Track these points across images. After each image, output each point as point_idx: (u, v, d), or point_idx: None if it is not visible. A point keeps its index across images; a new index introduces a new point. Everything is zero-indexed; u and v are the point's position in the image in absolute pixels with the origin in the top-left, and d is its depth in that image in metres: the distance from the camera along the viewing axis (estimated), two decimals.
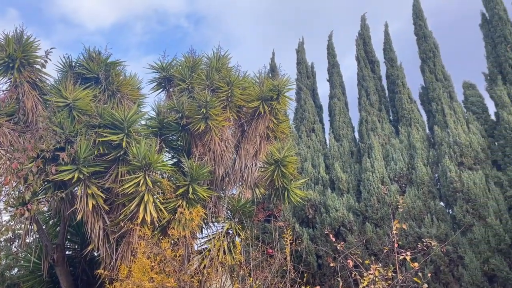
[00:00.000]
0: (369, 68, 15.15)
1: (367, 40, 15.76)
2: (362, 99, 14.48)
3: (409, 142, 12.64)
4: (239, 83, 9.16)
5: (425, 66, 13.91)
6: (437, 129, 12.31)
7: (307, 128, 14.83)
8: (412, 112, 13.37)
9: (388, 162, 12.47)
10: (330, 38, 16.46)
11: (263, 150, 9.85)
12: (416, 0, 14.87)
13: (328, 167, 13.58)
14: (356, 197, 12.51)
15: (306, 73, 16.43)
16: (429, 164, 12.02)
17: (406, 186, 11.94)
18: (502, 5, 13.58)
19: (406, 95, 13.77)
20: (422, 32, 14.40)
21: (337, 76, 15.60)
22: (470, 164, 11.34)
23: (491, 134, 12.06)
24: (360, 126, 13.98)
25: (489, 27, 13.62)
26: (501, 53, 12.84)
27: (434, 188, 11.65)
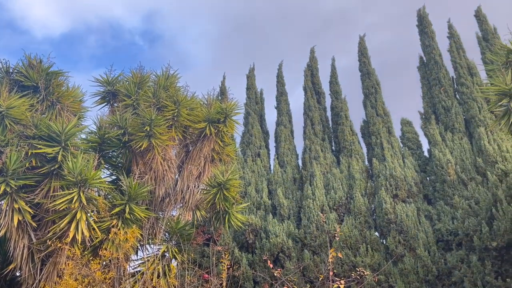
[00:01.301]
0: (315, 99, 15.67)
1: (314, 72, 16.36)
2: (307, 128, 14.89)
3: (349, 173, 13.09)
4: (187, 103, 9.08)
5: (367, 101, 14.64)
6: (375, 162, 12.87)
7: (253, 152, 14.95)
8: (353, 143, 13.92)
9: (329, 190, 12.80)
10: (280, 67, 16.92)
11: (207, 172, 9.75)
12: (362, 39, 15.74)
13: (271, 193, 13.70)
14: (296, 224, 12.67)
15: (255, 98, 16.68)
16: (366, 195, 12.48)
17: (344, 215, 12.28)
18: (438, 51, 14.72)
19: (348, 127, 14.34)
20: (366, 69, 15.19)
21: (285, 104, 15.98)
22: (404, 197, 11.92)
23: (423, 170, 12.81)
24: (303, 154, 14.32)
25: (425, 70, 14.66)
26: (436, 94, 13.82)
27: (370, 218, 12.08)
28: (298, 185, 13.87)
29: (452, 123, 13.04)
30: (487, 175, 11.26)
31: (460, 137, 12.68)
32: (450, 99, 13.55)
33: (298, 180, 13.99)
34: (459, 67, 14.05)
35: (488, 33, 14.54)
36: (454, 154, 12.23)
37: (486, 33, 14.64)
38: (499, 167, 11.20)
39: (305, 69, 16.45)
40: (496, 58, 8.20)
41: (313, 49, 16.74)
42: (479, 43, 14.67)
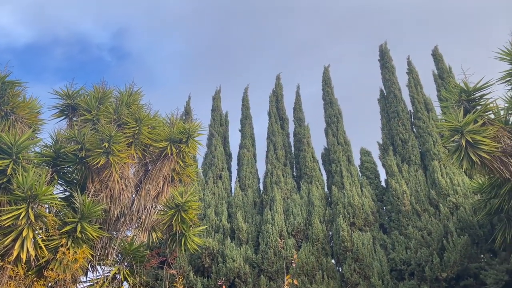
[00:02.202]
0: (279, 124, 15.86)
1: (279, 98, 16.62)
2: (269, 152, 15.00)
3: (309, 199, 13.21)
4: (149, 121, 8.94)
5: (329, 129, 14.97)
6: (335, 189, 13.08)
7: (214, 174, 14.83)
8: (314, 170, 14.12)
9: (288, 216, 12.83)
10: (246, 91, 17.08)
11: (165, 192, 9.56)
12: (326, 69, 16.21)
13: (230, 216, 13.56)
14: (254, 249, 12.56)
15: (220, 120, 16.69)
16: (325, 222, 12.61)
17: (302, 241, 12.31)
18: (398, 85, 15.35)
19: (310, 154, 14.56)
20: (329, 98, 15.60)
21: (249, 127, 16.07)
22: (360, 225, 12.12)
23: (380, 199, 13.13)
24: (265, 178, 14.36)
25: (385, 103, 15.22)
26: (394, 127, 14.33)
27: (328, 245, 12.17)
28: (258, 209, 13.84)
29: (409, 155, 13.52)
30: (439, 207, 11.67)
31: (415, 169, 13.13)
32: (407, 132, 14.09)
33: (258, 204, 13.96)
34: (416, 102, 14.68)
35: (443, 72, 15.35)
36: (410, 185, 12.63)
37: (442, 71, 15.44)
38: (450, 200, 11.65)
39: (271, 95, 16.69)
40: (450, 96, 8.64)
41: (279, 76, 17.07)
42: (435, 80, 15.44)
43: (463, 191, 11.80)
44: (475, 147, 7.41)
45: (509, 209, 9.17)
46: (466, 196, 11.67)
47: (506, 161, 7.50)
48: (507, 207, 9.11)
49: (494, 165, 7.56)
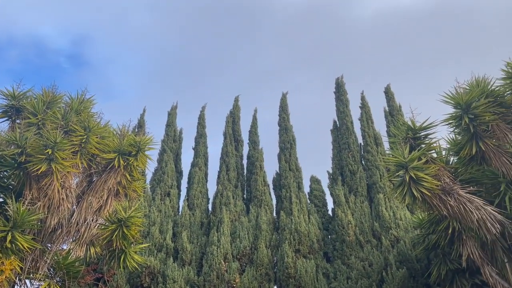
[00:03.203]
0: (233, 146, 15.85)
1: (236, 119, 16.68)
2: (222, 173, 14.89)
3: (257, 223, 13.16)
4: (98, 130, 8.63)
5: (282, 155, 15.14)
6: (283, 215, 13.14)
7: (162, 191, 14.48)
8: (264, 194, 14.14)
9: (234, 239, 12.69)
10: (203, 109, 17.02)
11: (108, 206, 9.18)
12: (284, 96, 16.52)
13: (175, 235, 13.22)
14: (197, 270, 12.26)
15: (174, 136, 16.44)
16: (270, 247, 12.57)
17: (246, 265, 12.18)
18: (350, 118, 15.88)
19: (261, 177, 14.60)
20: (284, 124, 15.84)
21: (203, 146, 15.93)
22: (305, 252, 12.19)
23: (326, 228, 13.32)
24: (214, 198, 14.19)
25: (338, 134, 15.66)
26: (344, 158, 14.73)
27: (271, 271, 12.11)
28: (205, 230, 13.59)
29: (356, 186, 13.89)
30: (381, 239, 12.00)
31: (362, 200, 13.49)
32: (356, 164, 14.52)
33: (205, 224, 13.73)
34: (367, 135, 15.23)
35: (394, 109, 16.09)
36: (355, 216, 12.92)
37: (392, 109, 16.18)
38: (392, 233, 12.03)
39: (228, 116, 16.71)
40: (398, 132, 9.03)
41: (237, 98, 17.17)
42: (386, 117, 16.14)
43: (404, 225, 12.23)
44: (418, 183, 7.73)
45: (445, 246, 9.57)
46: (407, 230, 12.09)
47: (445, 199, 7.86)
48: (443, 243, 9.52)
49: (434, 202, 7.90)
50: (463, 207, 7.79)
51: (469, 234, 8.65)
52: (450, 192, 7.89)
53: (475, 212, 7.77)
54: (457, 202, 7.81)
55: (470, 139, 8.49)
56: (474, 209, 7.78)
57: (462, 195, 7.88)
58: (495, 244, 8.20)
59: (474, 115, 8.29)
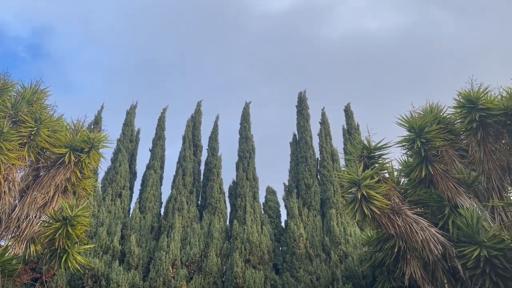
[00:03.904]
0: (192, 151, 15.67)
1: (197, 124, 16.52)
2: (177, 177, 14.65)
3: (209, 230, 13.01)
4: (50, 123, 8.28)
5: (240, 163, 15.12)
6: (236, 224, 13.07)
7: (114, 191, 14.04)
8: (219, 202, 14.03)
9: (185, 245, 12.47)
10: (164, 111, 16.75)
11: (54, 203, 8.78)
12: (247, 105, 16.56)
13: (124, 238, 12.82)
14: (144, 275, 11.92)
15: (131, 136, 16.04)
16: (221, 255, 12.45)
17: (195, 272, 11.98)
18: (310, 133, 16.14)
19: (218, 185, 14.49)
20: (245, 133, 15.85)
21: (160, 148, 15.63)
22: (255, 263, 12.16)
23: (278, 239, 13.37)
24: (168, 203, 13.92)
25: (296, 147, 15.85)
26: (301, 171, 14.91)
27: (220, 280, 11.97)
28: (155, 234, 13.27)
29: (310, 200, 14.07)
30: (331, 254, 12.18)
31: (314, 214, 13.67)
32: (312, 178, 14.72)
33: (156, 229, 13.41)
34: (324, 151, 15.51)
35: (352, 128, 16.52)
36: (307, 229, 13.06)
37: (350, 127, 16.61)
38: (341, 248, 12.25)
39: (188, 120, 16.52)
40: (353, 150, 9.26)
41: (200, 103, 17.04)
42: (344, 134, 16.53)
43: (353, 241, 12.49)
44: (369, 201, 7.93)
45: (390, 264, 9.84)
46: (355, 246, 12.35)
47: (393, 218, 8.11)
48: (389, 261, 9.79)
49: (383, 221, 8.13)
50: (409, 227, 8.05)
51: (413, 254, 8.94)
52: (399, 212, 8.15)
53: (420, 233, 8.06)
54: (404, 222, 8.07)
55: (420, 162, 8.84)
56: (420, 230, 8.07)
57: (409, 216, 8.16)
58: (436, 265, 8.52)
59: (426, 139, 8.64)
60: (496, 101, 8.50)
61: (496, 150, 8.65)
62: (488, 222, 8.29)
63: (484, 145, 8.62)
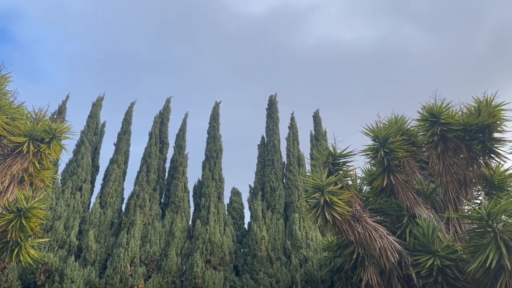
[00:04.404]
0: (158, 147, 15.43)
1: (165, 121, 16.29)
2: (141, 174, 14.38)
3: (171, 229, 12.83)
4: (10, 110, 7.94)
5: (207, 163, 15.01)
6: (199, 223, 12.96)
7: (74, 184, 13.62)
8: (183, 201, 13.87)
9: (145, 243, 12.24)
10: (132, 105, 16.43)
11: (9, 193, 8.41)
12: (217, 105, 16.48)
13: (81, 233, 12.45)
14: (100, 272, 11.61)
15: (95, 129, 15.62)
16: (181, 255, 12.30)
17: (154, 271, 11.78)
18: (278, 136, 16.23)
19: (182, 183, 14.32)
20: (213, 133, 15.76)
21: (126, 143, 15.30)
22: (216, 263, 12.09)
23: (240, 241, 13.35)
24: (130, 199, 13.63)
25: (264, 150, 15.91)
26: (267, 174, 14.97)
27: (179, 279, 11.82)
28: (115, 230, 12.96)
29: (275, 203, 14.14)
30: (291, 258, 12.28)
31: (278, 217, 13.75)
32: (278, 181, 14.81)
33: (116, 225, 13.10)
34: (291, 155, 15.64)
35: (319, 134, 16.75)
36: (270, 232, 13.11)
37: (318, 133, 16.83)
38: (302, 253, 12.37)
39: (156, 116, 16.26)
40: (319, 156, 9.38)
41: (169, 99, 16.81)
42: (311, 140, 16.73)
43: (314, 246, 12.64)
44: (331, 207, 8.05)
45: (348, 269, 10.03)
46: (316, 251, 12.51)
47: (354, 225, 8.26)
48: (347, 267, 9.96)
49: (343, 227, 8.27)
50: (368, 234, 8.23)
51: (371, 261, 9.14)
52: (359, 219, 8.32)
53: (379, 240, 8.25)
54: (364, 229, 8.24)
55: (383, 171, 9.06)
56: (378, 237, 8.26)
57: (369, 223, 8.34)
58: (392, 272, 8.75)
59: (389, 149, 8.87)
60: (457, 116, 8.84)
61: (454, 164, 8.99)
62: (443, 232, 8.59)
63: (444, 158, 8.94)
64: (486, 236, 7.20)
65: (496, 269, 7.02)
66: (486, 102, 8.76)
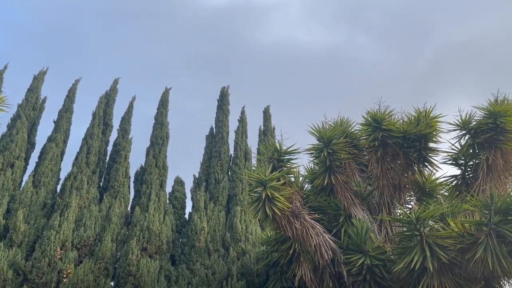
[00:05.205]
0: (101, 129, 14.85)
1: (111, 102, 15.71)
2: (81, 154, 13.78)
3: (108, 214, 12.42)
4: None
5: (151, 149, 14.67)
6: (138, 210, 12.65)
7: (6, 160, 12.78)
8: (123, 186, 13.46)
9: (79, 226, 11.76)
10: (76, 83, 15.68)
11: None
12: (167, 91, 16.14)
13: (10, 212, 11.73)
14: (27, 254, 11.01)
15: (35, 104, 14.74)
16: (117, 241, 11.95)
17: (86, 256, 11.35)
18: (227, 129, 16.20)
19: (124, 168, 13.90)
20: (161, 119, 15.43)
21: (66, 122, 14.58)
22: (152, 252, 11.87)
23: (179, 231, 13.20)
24: (66, 180, 13.02)
25: (212, 141, 15.82)
26: (212, 165, 14.89)
27: (112, 266, 11.48)
28: (47, 212, 12.33)
29: (218, 195, 14.11)
30: (230, 250, 12.32)
31: (220, 209, 13.73)
32: (223, 173, 14.78)
33: (49, 206, 12.46)
34: (238, 148, 15.67)
35: (268, 130, 16.91)
36: (210, 223, 13.07)
37: (267, 129, 16.99)
38: (240, 245, 12.46)
39: (102, 96, 15.62)
40: (265, 151, 9.47)
41: (117, 80, 16.20)
42: (259, 135, 16.85)
43: (253, 239, 12.77)
44: (272, 202, 8.15)
45: (284, 264, 10.23)
46: (254, 245, 12.64)
47: (292, 221, 8.43)
48: (283, 262, 10.16)
49: (282, 222, 8.41)
50: (306, 231, 8.44)
51: (306, 257, 9.38)
52: (298, 216, 8.50)
53: (315, 237, 8.48)
54: (301, 226, 8.44)
55: (325, 171, 9.31)
56: (315, 234, 8.49)
57: (307, 220, 8.55)
58: (325, 269, 9.04)
59: (333, 150, 9.13)
60: (397, 124, 9.27)
61: (392, 169, 9.43)
62: (375, 234, 9.00)
63: (382, 163, 9.34)
64: (414, 239, 7.62)
65: (420, 271, 7.45)
66: (425, 113, 9.26)
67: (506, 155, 8.59)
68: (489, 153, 8.61)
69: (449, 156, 9.43)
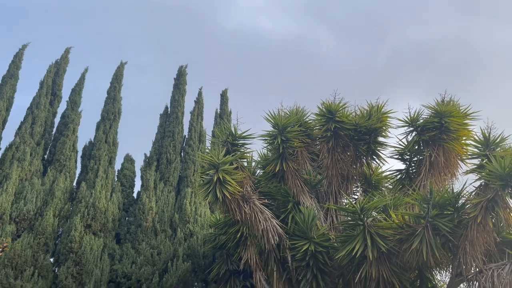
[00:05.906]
0: (48, 99, 14.13)
1: (61, 72, 14.94)
2: (25, 124, 13.06)
3: (51, 188, 11.91)
4: None
5: (102, 124, 14.16)
6: (83, 186, 12.23)
7: None
8: (70, 160, 12.94)
9: (19, 199, 11.20)
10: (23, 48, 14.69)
11: None
12: (122, 65, 15.59)
13: None
14: None
15: None
16: (59, 217, 11.52)
17: (25, 230, 10.86)
18: (183, 109, 15.94)
19: (71, 141, 13.34)
20: (114, 94, 14.91)
21: (10, 88, 13.71)
22: (96, 229, 11.56)
23: (126, 209, 12.93)
24: (7, 150, 12.31)
25: (166, 120, 15.51)
26: (165, 145, 14.64)
27: (53, 242, 11.08)
28: None
29: (169, 175, 13.92)
30: (177, 231, 12.25)
31: (170, 190, 13.57)
32: (175, 154, 14.57)
33: None
34: (193, 130, 15.48)
35: (224, 113, 16.81)
36: (159, 204, 12.89)
37: (223, 112, 16.88)
38: (188, 227, 12.41)
39: (51, 65, 14.81)
40: (220, 134, 9.42)
41: (68, 49, 15.39)
42: (215, 118, 16.73)
43: (202, 222, 12.76)
44: (223, 185, 8.16)
45: (231, 247, 10.33)
46: (203, 227, 12.64)
47: (242, 205, 8.49)
48: (230, 245, 10.26)
49: (232, 206, 8.45)
50: (254, 215, 8.54)
51: (253, 241, 9.51)
52: (248, 200, 8.57)
53: (263, 222, 8.60)
54: (251, 210, 8.52)
55: (277, 157, 9.43)
56: (263, 219, 8.61)
57: (257, 205, 8.65)
58: (270, 253, 9.22)
59: (286, 138, 9.24)
60: (350, 117, 9.53)
61: (341, 160, 9.70)
62: (321, 221, 9.27)
63: (333, 154, 9.59)
64: (357, 229, 7.93)
65: (360, 259, 7.79)
66: (377, 108, 9.58)
67: (448, 153, 9.08)
68: (432, 150, 9.07)
69: (396, 151, 9.85)
